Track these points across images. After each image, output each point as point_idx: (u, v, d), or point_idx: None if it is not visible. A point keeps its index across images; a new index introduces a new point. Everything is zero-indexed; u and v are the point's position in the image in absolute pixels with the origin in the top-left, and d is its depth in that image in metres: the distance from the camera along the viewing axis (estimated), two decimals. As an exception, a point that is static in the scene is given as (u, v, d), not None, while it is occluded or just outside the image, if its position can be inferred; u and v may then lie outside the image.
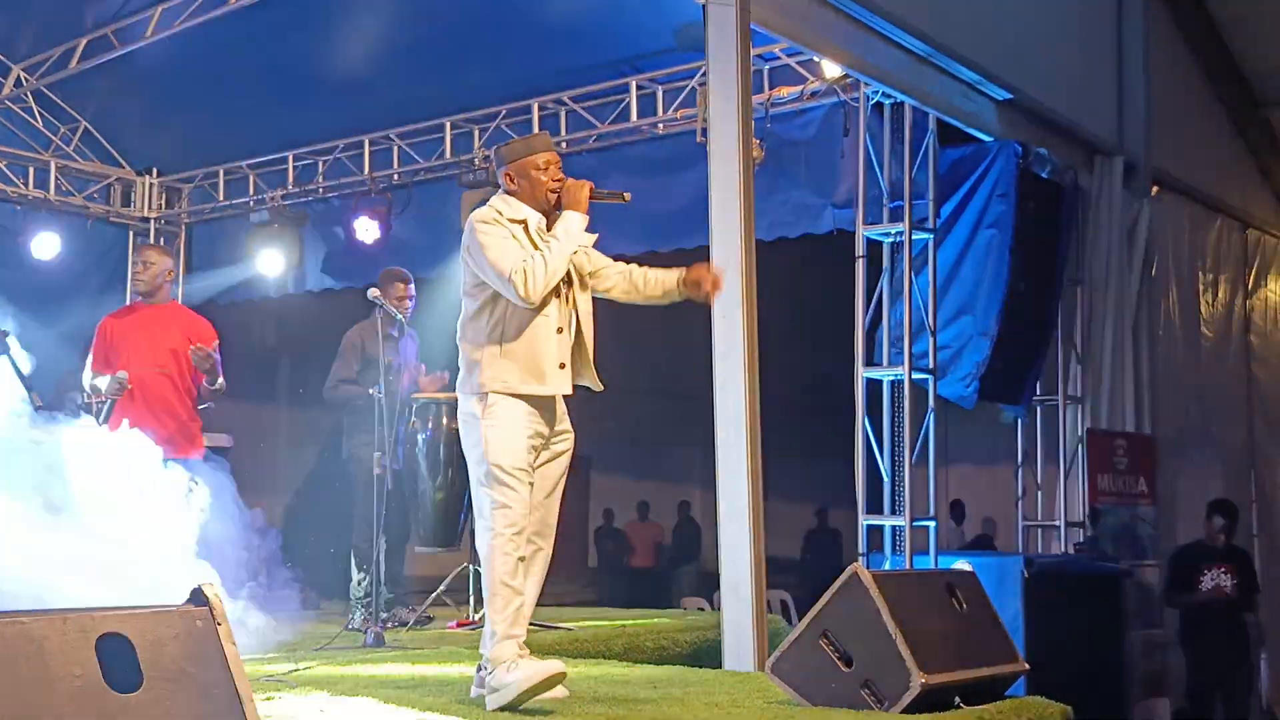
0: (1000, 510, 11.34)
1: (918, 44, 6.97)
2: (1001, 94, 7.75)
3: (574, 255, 4.33)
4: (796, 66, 8.03)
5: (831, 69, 7.61)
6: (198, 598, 2.63)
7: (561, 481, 4.37)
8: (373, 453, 6.09)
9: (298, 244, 10.31)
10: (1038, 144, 8.22)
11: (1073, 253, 8.72)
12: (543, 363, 4.22)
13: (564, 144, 9.14)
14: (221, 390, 6.19)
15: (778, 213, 8.10)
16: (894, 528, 7.37)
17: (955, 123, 7.66)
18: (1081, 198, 8.70)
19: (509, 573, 4.11)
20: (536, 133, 4.38)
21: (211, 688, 2.53)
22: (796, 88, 8.09)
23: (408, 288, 6.87)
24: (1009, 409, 8.60)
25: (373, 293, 6.36)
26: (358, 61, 8.91)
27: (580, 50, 8.61)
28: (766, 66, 8.08)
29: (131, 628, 2.47)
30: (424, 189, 9.88)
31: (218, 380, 6.12)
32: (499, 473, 4.13)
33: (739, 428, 5.60)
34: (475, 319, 4.29)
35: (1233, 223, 10.86)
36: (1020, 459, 8.91)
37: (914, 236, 7.44)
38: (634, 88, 8.71)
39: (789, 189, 8.14)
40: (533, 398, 4.21)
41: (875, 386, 7.49)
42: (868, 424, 7.38)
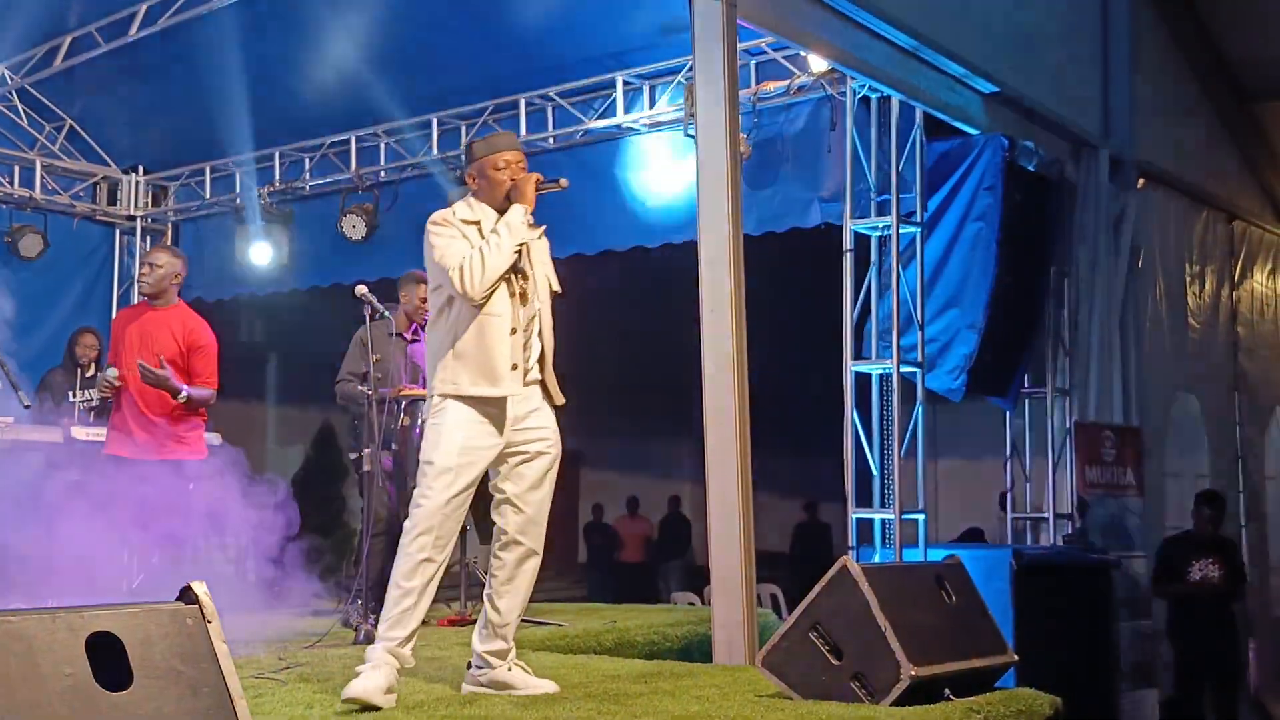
0: (987, 503, 11.36)
1: (904, 38, 6.98)
2: (988, 87, 7.76)
3: (546, 264, 4.39)
4: (783, 61, 8.04)
5: (818, 63, 7.63)
6: (187, 596, 2.63)
7: (544, 482, 4.32)
8: (364, 450, 6.14)
9: (285, 241, 10.29)
10: (1024, 137, 8.24)
11: (1059, 245, 8.74)
12: (495, 363, 4.19)
13: (551, 139, 9.15)
14: (196, 401, 6.10)
15: (765, 207, 8.12)
16: (883, 521, 7.38)
17: (942, 116, 7.67)
18: (1068, 190, 8.72)
19: (405, 572, 4.07)
20: (500, 132, 4.62)
21: (201, 685, 2.52)
22: (783, 82, 8.10)
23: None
24: (997, 401, 8.62)
25: (360, 290, 6.32)
26: (344, 58, 8.90)
27: (567, 46, 8.61)
28: (753, 61, 8.09)
29: (121, 626, 2.47)
30: (411, 186, 9.88)
31: (179, 395, 5.99)
32: (426, 468, 4.14)
33: (728, 422, 5.59)
34: (435, 321, 4.31)
35: (1219, 214, 10.90)
36: (1008, 451, 8.93)
37: (901, 230, 7.45)
38: (620, 83, 8.71)
39: (776, 183, 8.16)
40: (484, 400, 4.18)
41: (864, 380, 7.50)
42: (856, 417, 7.39)
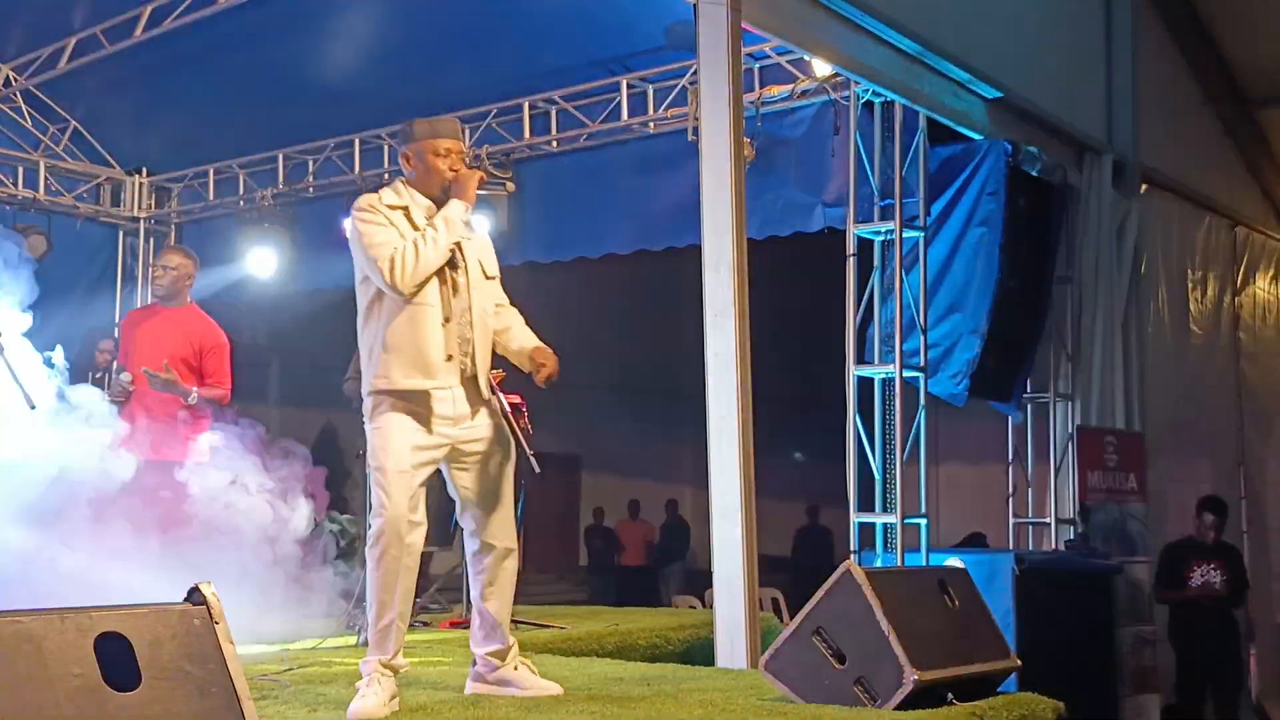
0: (990, 508, 11.37)
1: (908, 43, 6.99)
2: (991, 92, 7.77)
3: (480, 250, 4.22)
4: (787, 65, 8.05)
5: (822, 68, 7.63)
6: (195, 596, 2.64)
7: (502, 477, 4.16)
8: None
9: (288, 243, 10.30)
10: (1027, 142, 8.24)
11: (1062, 250, 8.74)
12: (427, 354, 4.01)
13: (554, 143, 9.17)
14: (207, 401, 6.18)
15: (768, 211, 8.12)
16: (885, 525, 7.38)
17: (945, 121, 7.68)
18: (1071, 195, 8.72)
19: (384, 585, 3.97)
20: (444, 117, 4.29)
21: (209, 686, 2.53)
22: (787, 86, 8.10)
23: None
24: (999, 406, 8.62)
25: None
26: (348, 61, 8.91)
27: (571, 49, 8.62)
28: (757, 65, 8.09)
29: (130, 626, 2.48)
30: (414, 188, 9.87)
31: (189, 398, 6.10)
32: (378, 475, 4.00)
33: (731, 427, 5.60)
34: (366, 314, 4.12)
35: (1222, 220, 10.90)
36: (1011, 456, 8.93)
37: (904, 235, 7.45)
38: (624, 86, 8.72)
39: (780, 188, 8.16)
40: (420, 393, 4.02)
41: (866, 384, 7.50)
42: (859, 422, 7.39)
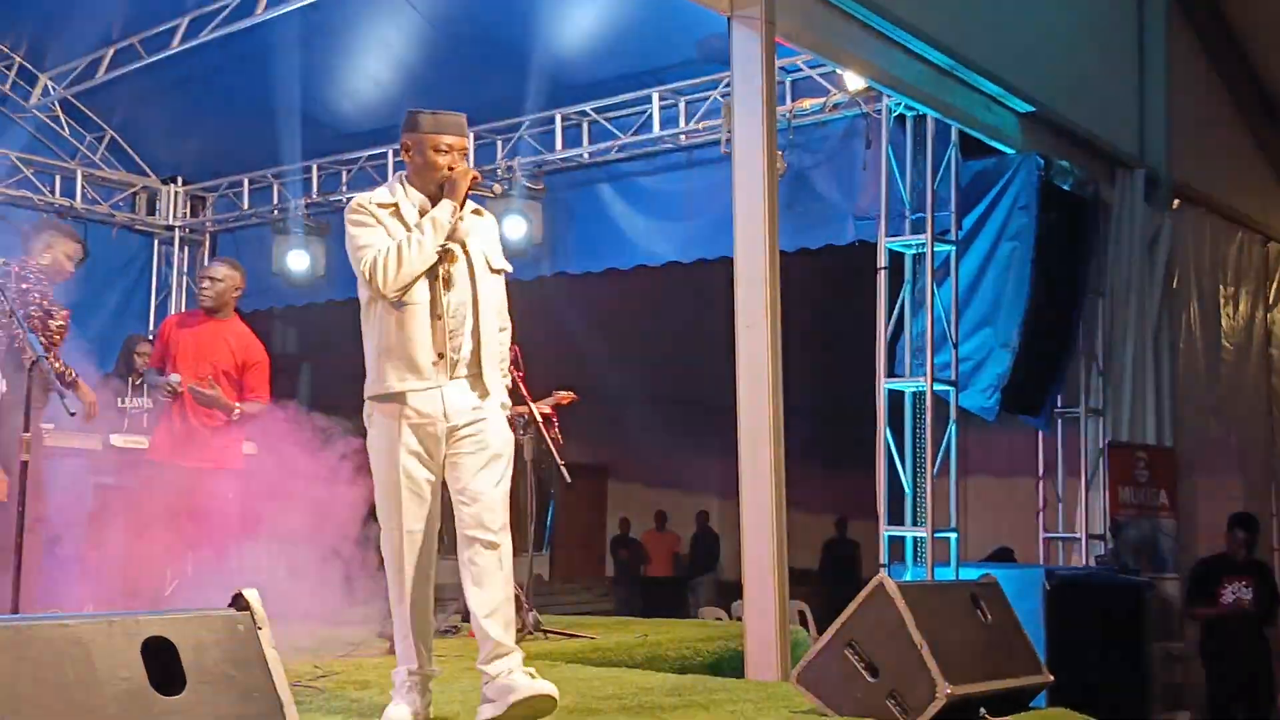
0: (1018, 522, 11.34)
1: (940, 56, 7.00)
2: (1023, 106, 7.78)
3: (485, 242, 4.05)
4: (819, 78, 8.06)
5: (854, 81, 7.64)
6: (239, 602, 2.67)
7: (490, 468, 3.90)
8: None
9: (321, 253, 10.38)
10: (1059, 156, 8.24)
11: (1094, 265, 8.73)
12: (416, 354, 3.86)
13: (586, 155, 9.21)
14: (248, 416, 6.25)
15: (799, 223, 8.13)
16: (915, 539, 7.37)
17: (977, 135, 7.69)
18: (1103, 210, 8.71)
19: (397, 596, 3.93)
20: (450, 113, 4.12)
21: (252, 690, 2.57)
22: (819, 100, 8.11)
23: None
24: (1030, 420, 8.60)
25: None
26: (381, 72, 8.98)
27: (603, 62, 8.66)
28: (789, 78, 8.11)
29: (175, 631, 2.52)
30: (446, 199, 9.92)
31: (233, 413, 6.16)
32: (380, 495, 3.92)
33: (763, 439, 5.62)
34: (365, 318, 4.00)
35: (1254, 235, 10.86)
36: (1041, 471, 8.90)
37: (936, 248, 7.45)
38: (656, 99, 8.75)
39: (811, 200, 8.17)
40: (408, 395, 3.86)
41: (897, 397, 7.50)
42: (889, 435, 7.39)
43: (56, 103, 10.22)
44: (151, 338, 8.75)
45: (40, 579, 5.23)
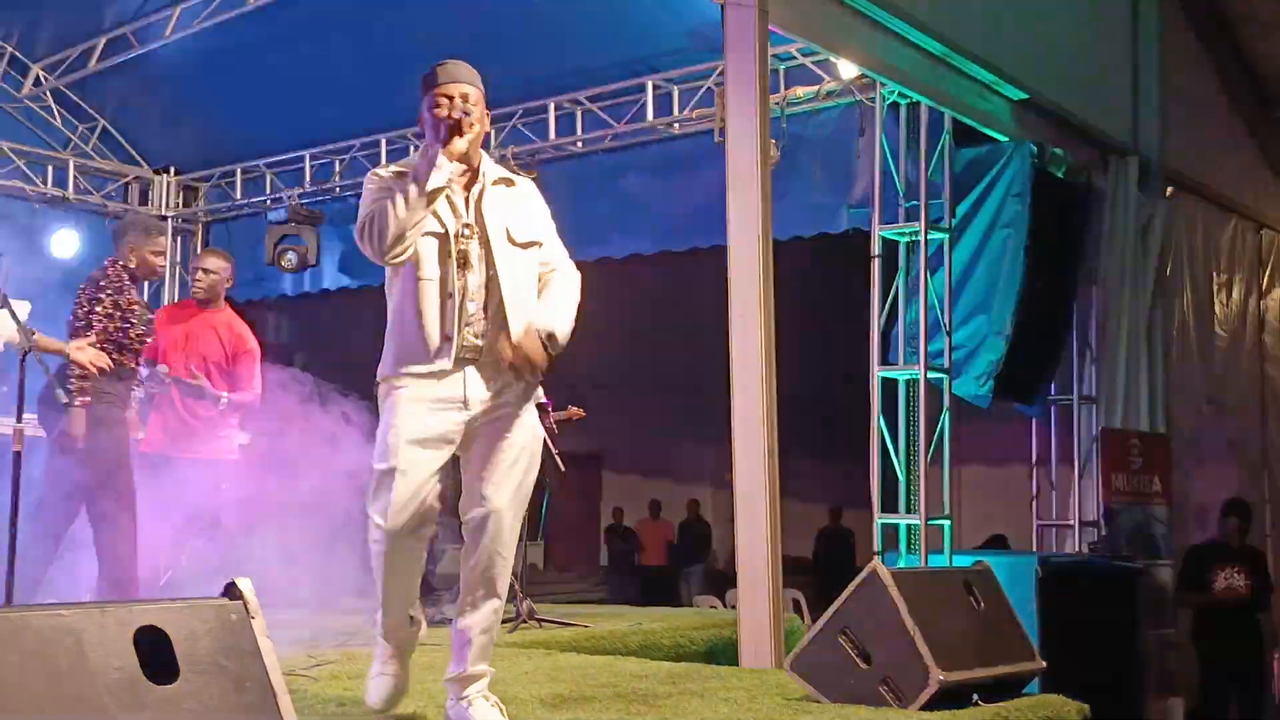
0: (1012, 510, 11.36)
1: (934, 44, 6.99)
2: (1017, 94, 7.77)
3: (508, 214, 3.72)
4: (812, 66, 8.06)
5: (847, 69, 7.64)
6: (232, 591, 2.67)
7: (510, 472, 3.63)
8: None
9: (314, 243, 10.36)
10: (1053, 144, 8.23)
11: (1087, 253, 8.73)
12: (425, 335, 3.58)
13: (580, 143, 9.19)
14: (236, 406, 6.25)
15: (793, 212, 8.11)
16: (909, 526, 7.39)
17: (971, 123, 7.68)
18: (1096, 198, 8.71)
19: (379, 583, 3.66)
20: (451, 61, 3.67)
21: (245, 680, 2.56)
22: (812, 87, 8.11)
23: None
24: (1023, 408, 8.61)
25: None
26: (374, 61, 8.95)
27: (596, 50, 8.64)
28: (782, 66, 8.10)
29: (168, 621, 2.51)
30: (440, 188, 9.91)
31: (220, 403, 6.20)
32: (376, 458, 3.59)
33: (756, 427, 5.62)
34: (388, 298, 3.73)
35: (1247, 223, 10.88)
36: (1034, 458, 8.91)
37: (929, 236, 7.46)
38: (650, 87, 8.73)
39: (804, 189, 8.17)
40: (416, 378, 3.59)
41: (890, 385, 7.51)
42: (883, 423, 7.40)
43: (48, 92, 10.19)
44: None
45: (32, 569, 5.24)
